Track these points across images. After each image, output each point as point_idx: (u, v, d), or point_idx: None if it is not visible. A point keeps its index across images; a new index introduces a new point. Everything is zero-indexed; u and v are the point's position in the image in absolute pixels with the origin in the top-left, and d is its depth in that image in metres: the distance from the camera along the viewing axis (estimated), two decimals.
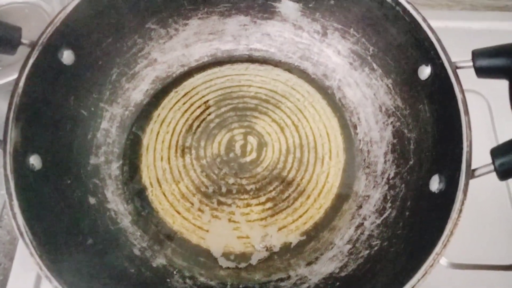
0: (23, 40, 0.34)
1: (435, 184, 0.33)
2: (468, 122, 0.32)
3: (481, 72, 0.33)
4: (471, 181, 0.31)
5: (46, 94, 0.36)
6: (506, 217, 0.43)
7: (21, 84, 0.33)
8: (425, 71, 0.37)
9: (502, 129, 0.48)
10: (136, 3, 0.42)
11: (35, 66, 0.34)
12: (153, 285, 0.34)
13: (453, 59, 0.34)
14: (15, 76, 0.42)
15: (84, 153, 0.39)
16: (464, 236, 0.40)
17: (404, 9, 0.37)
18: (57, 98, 0.37)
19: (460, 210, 0.29)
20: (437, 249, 0.28)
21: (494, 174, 0.30)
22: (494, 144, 0.32)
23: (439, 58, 0.35)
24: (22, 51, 0.35)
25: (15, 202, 0.29)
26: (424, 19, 0.36)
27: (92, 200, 0.38)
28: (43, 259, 0.27)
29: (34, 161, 0.33)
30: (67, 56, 0.37)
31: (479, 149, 0.32)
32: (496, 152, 0.30)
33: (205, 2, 0.45)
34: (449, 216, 0.29)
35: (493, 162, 0.30)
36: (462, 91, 0.33)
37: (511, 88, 0.32)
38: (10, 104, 0.32)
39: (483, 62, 0.33)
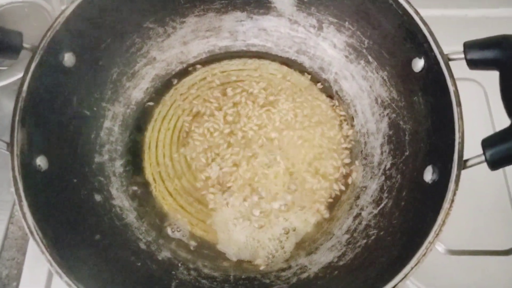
0: (25, 45, 0.35)
1: (428, 174, 0.34)
2: (460, 113, 0.33)
3: (473, 63, 0.34)
4: (468, 169, 0.31)
5: (50, 97, 0.37)
6: (502, 203, 0.44)
7: (25, 88, 0.34)
8: (418, 64, 0.37)
9: (499, 117, 0.48)
10: (133, 3, 0.43)
11: (38, 69, 0.35)
12: (158, 277, 0.36)
13: (448, 49, 0.35)
14: (19, 76, 0.43)
15: (89, 152, 0.41)
16: (461, 222, 0.41)
17: (397, 2, 0.38)
18: (60, 100, 0.38)
19: (452, 200, 0.30)
20: (430, 238, 0.29)
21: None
22: (491, 131, 0.32)
23: (431, 50, 0.35)
24: (26, 52, 0.36)
25: (24, 203, 0.30)
26: (417, 12, 0.37)
27: (98, 198, 0.39)
28: (53, 256, 0.29)
29: (41, 162, 0.34)
30: (68, 59, 0.38)
31: (475, 137, 0.32)
32: (487, 143, 0.31)
33: None
34: (441, 206, 0.30)
35: (484, 153, 0.31)
36: (455, 83, 0.34)
37: (501, 78, 0.32)
38: (15, 108, 0.33)
39: (474, 55, 0.33)
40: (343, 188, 0.41)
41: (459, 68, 0.35)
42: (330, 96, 0.46)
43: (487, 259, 0.42)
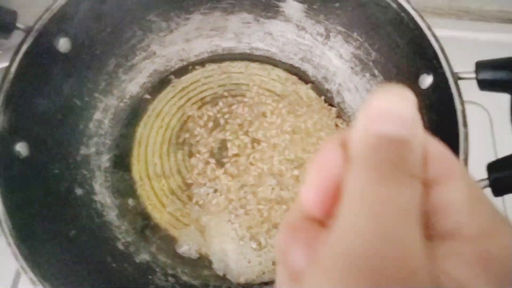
0: (19, 25, 0.34)
1: None
2: (466, 134, 0.31)
3: (484, 84, 0.32)
4: None
5: (39, 82, 0.35)
6: None
7: (13, 69, 0.32)
8: (426, 80, 0.36)
9: (502, 143, 0.47)
10: None
11: (29, 51, 0.34)
12: (134, 281, 0.34)
13: (457, 70, 0.33)
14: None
15: (74, 143, 0.39)
16: None
17: (409, 16, 0.36)
18: (50, 86, 0.36)
19: None
20: None
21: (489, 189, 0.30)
22: (493, 158, 0.31)
23: (441, 67, 0.34)
24: (20, 36, 0.34)
25: None
26: (429, 27, 0.35)
27: (79, 191, 0.37)
28: (21, 249, 0.27)
29: (21, 148, 0.32)
30: (63, 44, 0.37)
31: (477, 161, 0.31)
32: (493, 168, 0.29)
33: None
34: None
35: (489, 177, 0.29)
36: (462, 103, 0.32)
37: None
38: None
39: (486, 75, 0.32)
40: None
41: (465, 91, 0.33)
42: (331, 107, 0.44)
43: None
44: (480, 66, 0.32)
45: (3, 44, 0.41)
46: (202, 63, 0.46)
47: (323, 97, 0.44)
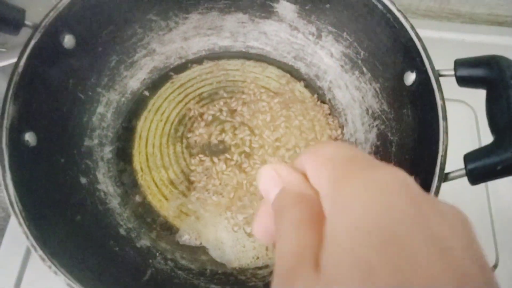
0: (27, 22, 0.36)
1: None
2: (446, 127, 0.33)
3: (462, 81, 0.34)
4: (450, 184, 0.32)
5: (46, 75, 0.37)
6: (483, 221, 0.44)
7: (22, 63, 0.34)
8: (410, 77, 0.38)
9: (486, 139, 0.49)
10: None
11: (37, 47, 0.36)
12: (135, 264, 0.36)
13: (440, 68, 0.36)
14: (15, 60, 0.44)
15: (79, 135, 0.41)
16: None
17: (394, 17, 0.39)
18: (56, 80, 0.38)
19: None
20: None
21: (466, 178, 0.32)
22: None
23: (423, 65, 0.36)
24: (27, 34, 0.37)
25: (8, 174, 0.30)
26: (412, 27, 0.38)
27: (83, 180, 0.39)
28: (31, 229, 0.29)
29: (30, 138, 0.34)
30: (68, 40, 0.39)
31: (462, 156, 0.33)
32: (469, 157, 0.31)
33: None
34: None
35: (465, 167, 0.31)
36: (443, 98, 0.34)
37: (488, 97, 0.33)
38: (10, 81, 0.34)
39: (464, 72, 0.34)
40: None
41: (451, 89, 0.35)
42: (323, 103, 0.46)
43: None
44: (458, 63, 0.34)
45: (12, 40, 0.43)
46: (199, 60, 0.48)
47: (315, 95, 0.47)
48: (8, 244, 0.42)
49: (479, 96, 0.35)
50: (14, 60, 0.46)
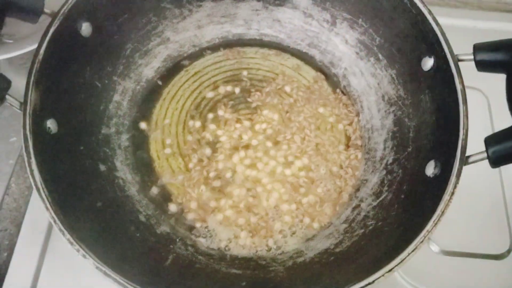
0: (46, 10, 0.36)
1: (430, 168, 0.35)
2: (466, 111, 0.33)
3: (481, 65, 0.34)
4: (465, 171, 0.32)
5: (64, 63, 0.37)
6: (497, 206, 0.44)
7: (42, 51, 0.34)
8: (428, 63, 0.38)
9: (500, 125, 0.49)
10: None
11: (55, 35, 0.35)
12: (156, 249, 0.36)
13: (455, 53, 0.36)
14: (26, 49, 0.44)
15: (96, 123, 0.41)
16: (456, 224, 0.42)
17: (412, 2, 0.39)
18: (74, 67, 0.39)
19: (452, 193, 0.31)
20: (428, 226, 0.30)
21: (486, 163, 0.32)
22: None
23: (442, 50, 0.36)
24: (35, 25, 0.37)
25: (33, 160, 0.30)
26: (430, 12, 0.38)
27: (102, 168, 0.39)
28: (57, 214, 0.29)
29: (51, 124, 0.35)
30: (85, 28, 0.39)
31: (477, 143, 0.33)
32: (490, 140, 0.32)
33: None
34: (441, 198, 0.31)
35: (487, 150, 0.31)
36: (462, 82, 0.34)
37: (508, 82, 0.33)
38: (31, 69, 0.34)
39: (484, 56, 0.34)
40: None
41: (464, 77, 0.35)
42: (338, 90, 0.46)
43: (479, 262, 0.42)
44: (478, 48, 0.34)
45: (20, 32, 0.43)
46: (213, 48, 0.48)
47: (330, 82, 0.47)
48: (25, 237, 0.42)
49: (492, 82, 0.35)
50: (22, 51, 0.46)
